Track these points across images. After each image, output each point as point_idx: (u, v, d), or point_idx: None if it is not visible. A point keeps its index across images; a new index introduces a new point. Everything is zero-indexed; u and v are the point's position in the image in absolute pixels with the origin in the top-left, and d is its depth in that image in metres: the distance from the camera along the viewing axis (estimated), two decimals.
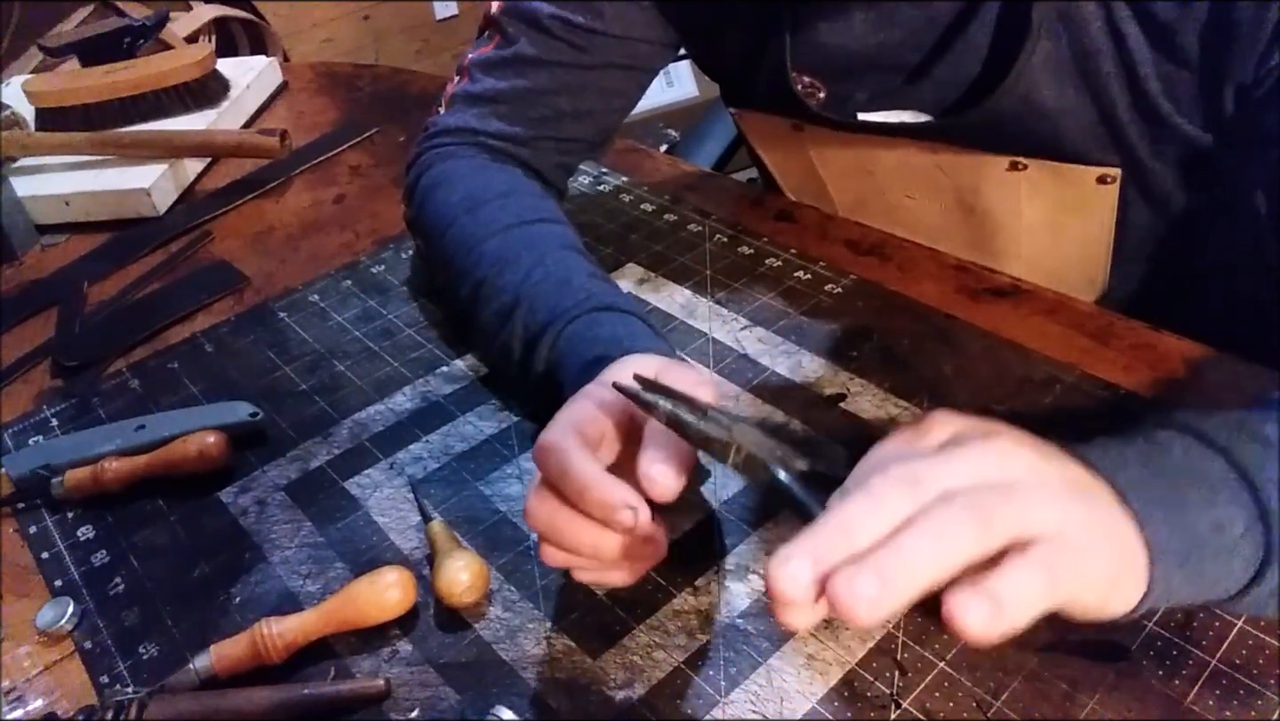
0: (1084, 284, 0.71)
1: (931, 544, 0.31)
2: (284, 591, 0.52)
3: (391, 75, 1.23)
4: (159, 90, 1.06)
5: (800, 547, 0.31)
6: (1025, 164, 0.64)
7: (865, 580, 0.29)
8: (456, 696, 0.46)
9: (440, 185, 0.70)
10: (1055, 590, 0.32)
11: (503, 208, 0.65)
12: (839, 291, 0.69)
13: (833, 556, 0.31)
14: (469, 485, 0.57)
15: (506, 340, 0.59)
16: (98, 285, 0.85)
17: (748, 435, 0.38)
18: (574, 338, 0.55)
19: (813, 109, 0.69)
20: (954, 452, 0.34)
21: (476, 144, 0.72)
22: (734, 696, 0.44)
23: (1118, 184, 0.63)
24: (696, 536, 0.52)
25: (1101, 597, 0.35)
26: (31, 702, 0.49)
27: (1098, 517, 0.35)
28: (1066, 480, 0.35)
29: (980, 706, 0.42)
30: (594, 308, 0.56)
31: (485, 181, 0.69)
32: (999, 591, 0.30)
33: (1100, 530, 0.34)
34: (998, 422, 0.37)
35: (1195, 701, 0.41)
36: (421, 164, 0.73)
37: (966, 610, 0.30)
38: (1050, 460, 0.36)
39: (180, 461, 0.59)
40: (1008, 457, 0.35)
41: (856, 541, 0.31)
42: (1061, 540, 0.32)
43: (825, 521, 0.32)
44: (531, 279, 0.59)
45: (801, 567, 0.30)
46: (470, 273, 0.63)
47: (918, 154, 0.69)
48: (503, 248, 0.62)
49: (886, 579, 0.30)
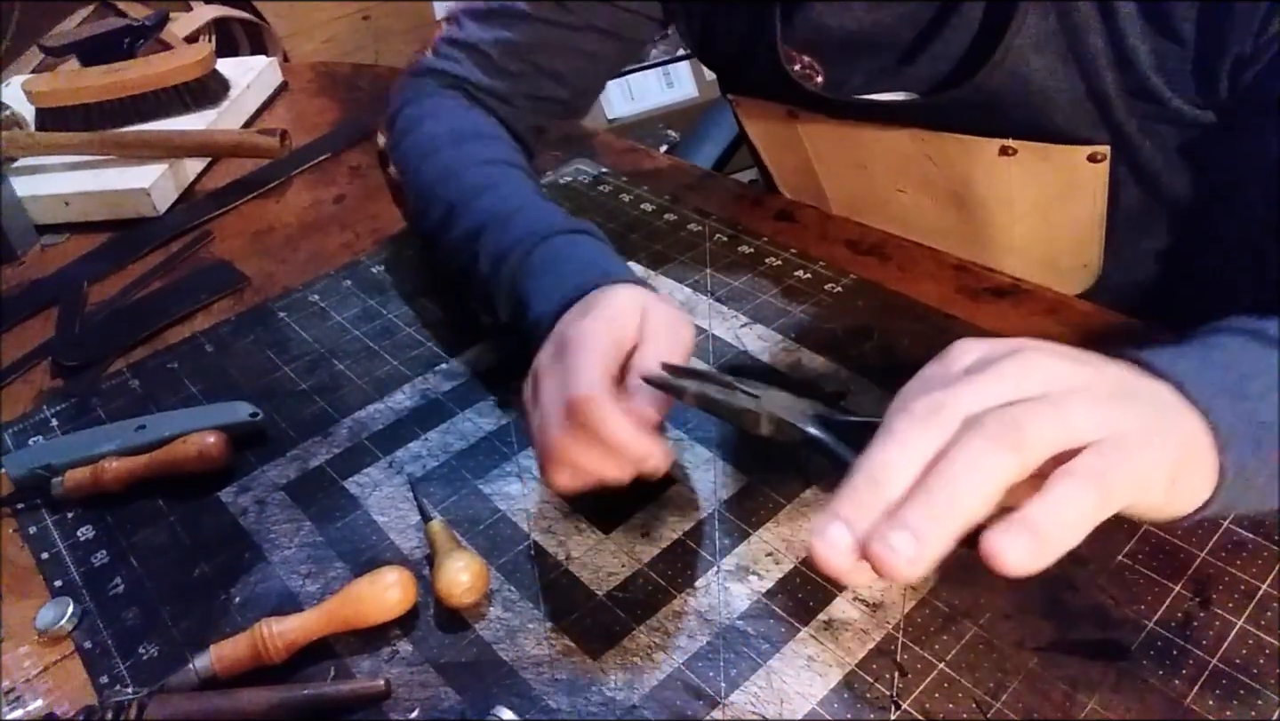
0: (1078, 268, 0.71)
1: (965, 481, 0.30)
2: (284, 591, 0.52)
3: (391, 75, 1.23)
4: (159, 90, 1.06)
5: (836, 512, 0.31)
6: (1014, 148, 0.64)
7: (900, 539, 0.29)
8: (456, 696, 0.46)
9: (427, 118, 0.73)
10: (1108, 499, 0.30)
11: (486, 145, 0.70)
12: (839, 291, 0.69)
13: (868, 514, 0.30)
14: (468, 484, 0.57)
15: (475, 253, 0.61)
16: (98, 285, 0.85)
17: (775, 400, 0.39)
18: (549, 256, 0.57)
19: (810, 90, 0.69)
20: (975, 377, 0.33)
21: (460, 89, 0.75)
22: (734, 697, 0.44)
23: (1108, 162, 0.63)
24: (696, 536, 0.52)
25: (1166, 495, 0.34)
26: (31, 702, 0.49)
27: (1149, 412, 0.33)
28: (1109, 382, 0.34)
29: (980, 706, 0.42)
30: (567, 230, 0.59)
31: (471, 121, 0.73)
32: (1037, 520, 0.29)
33: (1155, 424, 0.33)
34: (1026, 338, 0.35)
35: (1195, 701, 0.41)
36: (405, 97, 0.76)
37: (1005, 549, 0.29)
38: (1088, 364, 0.34)
39: (180, 461, 0.59)
40: (1037, 369, 0.33)
41: (889, 491, 0.30)
42: (1109, 444, 0.31)
43: (854, 476, 0.31)
44: (508, 204, 0.62)
45: (839, 534, 0.30)
46: (445, 197, 0.66)
47: (908, 143, 0.69)
48: (482, 177, 0.66)
49: (922, 533, 0.29)
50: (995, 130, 0.64)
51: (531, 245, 0.58)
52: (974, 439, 0.30)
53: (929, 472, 0.30)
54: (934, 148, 0.68)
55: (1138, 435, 0.32)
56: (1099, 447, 0.31)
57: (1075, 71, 0.59)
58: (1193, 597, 0.45)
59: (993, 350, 0.35)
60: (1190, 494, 0.36)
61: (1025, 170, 0.65)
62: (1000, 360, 0.33)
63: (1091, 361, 0.35)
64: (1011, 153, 0.64)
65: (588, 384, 0.44)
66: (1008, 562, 0.29)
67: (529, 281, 0.57)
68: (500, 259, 0.59)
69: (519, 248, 0.58)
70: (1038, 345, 0.35)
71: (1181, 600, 0.45)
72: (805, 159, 0.78)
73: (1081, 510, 0.30)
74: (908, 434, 0.31)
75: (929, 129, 0.67)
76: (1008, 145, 0.64)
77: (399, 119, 0.75)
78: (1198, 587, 0.46)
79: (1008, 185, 0.67)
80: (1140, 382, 0.36)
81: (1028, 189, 0.67)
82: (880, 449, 0.31)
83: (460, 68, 0.75)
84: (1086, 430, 0.31)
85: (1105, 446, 0.31)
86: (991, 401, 0.31)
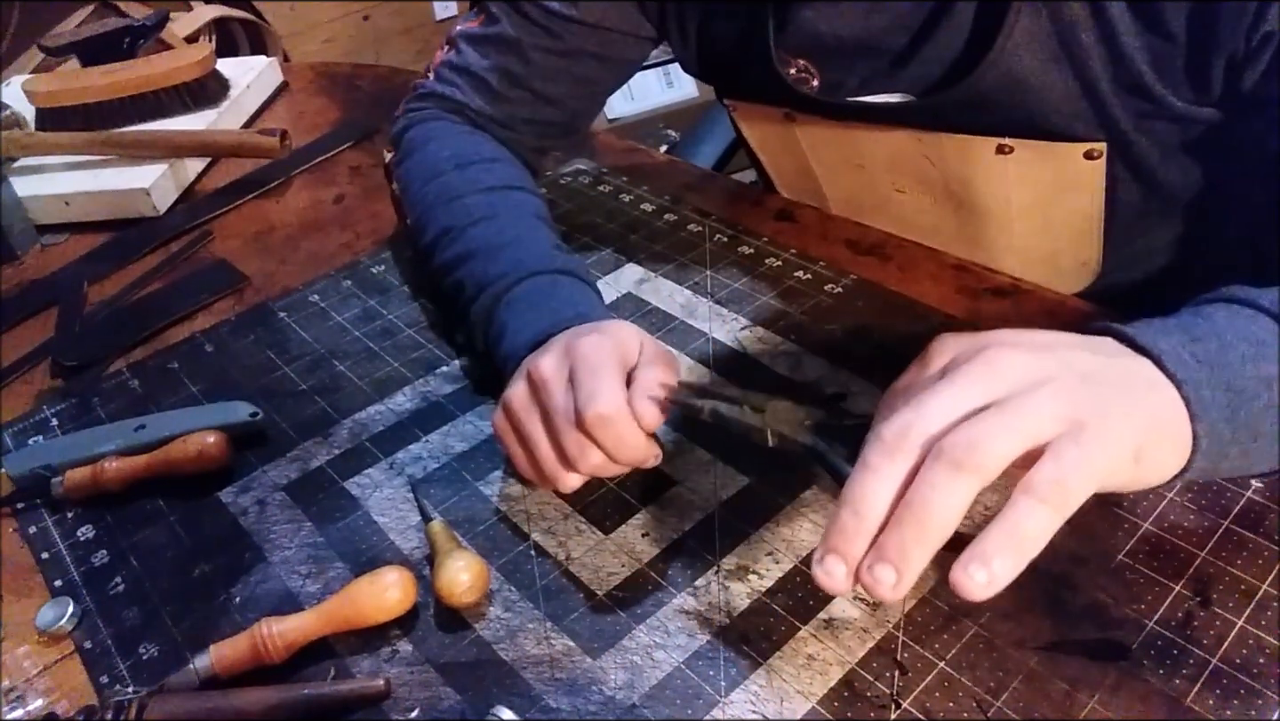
0: (1077, 266, 0.72)
1: (930, 510, 0.33)
2: (284, 591, 0.52)
3: (391, 75, 1.23)
4: (159, 90, 1.06)
5: (828, 545, 0.35)
6: (1011, 146, 0.64)
7: (882, 570, 0.34)
8: (456, 696, 0.46)
9: (432, 140, 0.75)
10: (1065, 506, 0.33)
11: (489, 170, 0.71)
12: (839, 291, 0.69)
13: (856, 544, 0.34)
14: (469, 485, 0.57)
15: (461, 279, 0.64)
16: (98, 285, 0.85)
17: (779, 412, 0.43)
18: (529, 293, 0.60)
19: (805, 94, 0.69)
20: (941, 386, 0.36)
21: (462, 115, 0.76)
22: (734, 696, 0.44)
23: (1104, 159, 0.63)
24: (696, 536, 0.52)
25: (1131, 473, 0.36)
26: (31, 702, 0.49)
27: (1112, 394, 0.36)
28: (1075, 369, 0.36)
29: (980, 706, 0.42)
30: (553, 270, 0.61)
31: (475, 145, 0.74)
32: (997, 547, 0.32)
33: (1117, 406, 0.35)
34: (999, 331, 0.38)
35: (1195, 701, 0.41)
36: (412, 118, 0.77)
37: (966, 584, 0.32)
38: (1055, 352, 0.36)
39: (180, 461, 0.59)
40: (1004, 368, 0.35)
41: (869, 523, 0.34)
42: (1067, 440, 0.33)
43: (840, 509, 0.35)
44: (502, 236, 0.65)
45: (834, 564, 0.35)
46: (442, 219, 0.68)
47: (906, 142, 0.69)
48: (482, 205, 0.68)
49: (900, 562, 0.33)
50: (991, 129, 0.64)
51: (515, 280, 0.60)
52: (936, 469, 0.33)
53: (900, 503, 0.34)
54: (931, 147, 0.68)
55: (1096, 422, 0.34)
56: (1056, 450, 0.33)
57: (1069, 70, 0.59)
58: (1193, 597, 0.45)
59: (964, 350, 0.37)
60: (1159, 466, 0.38)
61: (1022, 168, 0.65)
62: (970, 361, 0.36)
63: (1061, 347, 0.37)
64: (1008, 151, 0.65)
65: (613, 401, 0.47)
66: (972, 594, 0.32)
67: (506, 314, 0.59)
68: (482, 288, 0.62)
69: (502, 281, 0.61)
70: (1005, 339, 0.37)
71: (1181, 600, 0.45)
72: (803, 161, 0.78)
73: (1040, 525, 0.33)
74: (880, 465, 0.35)
75: (925, 129, 0.67)
76: (1005, 143, 0.64)
77: (404, 140, 0.76)
78: (1198, 587, 0.46)
79: (1005, 183, 0.67)
80: (1111, 363, 0.38)
81: (1025, 186, 0.67)
82: (858, 482, 0.35)
83: (461, 94, 0.76)
84: (1046, 429, 0.34)
85: (1063, 445, 0.33)
86: (957, 413, 0.34)
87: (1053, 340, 0.38)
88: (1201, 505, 0.50)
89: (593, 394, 0.47)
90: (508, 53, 0.74)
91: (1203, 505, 0.50)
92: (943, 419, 0.34)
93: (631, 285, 0.73)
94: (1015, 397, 0.34)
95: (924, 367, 0.39)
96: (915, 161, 0.70)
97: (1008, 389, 0.35)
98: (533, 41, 0.73)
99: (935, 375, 0.37)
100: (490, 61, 0.75)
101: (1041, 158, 0.64)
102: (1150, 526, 0.49)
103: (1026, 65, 0.59)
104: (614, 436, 0.47)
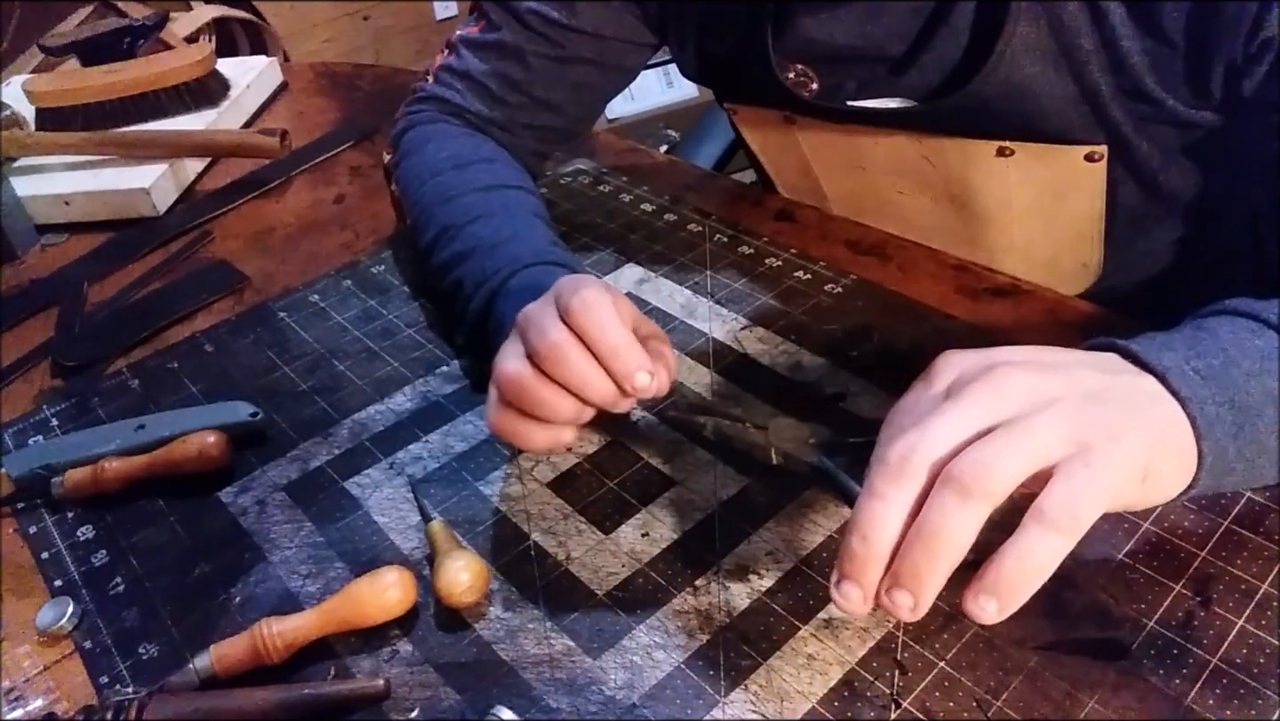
0: (1077, 268, 0.72)
1: (942, 536, 0.33)
2: (284, 591, 0.52)
3: (391, 75, 1.23)
4: (159, 90, 1.06)
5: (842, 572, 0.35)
6: (1012, 149, 0.64)
7: (899, 595, 0.34)
8: (456, 696, 0.46)
9: (431, 140, 0.75)
10: (1076, 530, 0.33)
11: (486, 170, 0.71)
12: (839, 291, 0.69)
13: (869, 569, 0.35)
14: (469, 485, 0.57)
15: (460, 277, 0.64)
16: (98, 285, 0.85)
17: (782, 431, 0.43)
18: (524, 283, 0.59)
19: (804, 98, 0.69)
20: (946, 407, 0.35)
21: (461, 118, 0.77)
22: (734, 696, 0.44)
23: (1105, 162, 0.63)
24: (696, 536, 0.52)
25: (1139, 491, 0.36)
26: (31, 702, 0.49)
27: (1119, 413, 0.35)
28: (1082, 387, 0.36)
29: (980, 706, 0.42)
30: (549, 261, 0.61)
31: (473, 146, 0.74)
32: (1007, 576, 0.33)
33: (1124, 425, 0.35)
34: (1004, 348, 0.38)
35: (1195, 701, 0.41)
36: (411, 119, 0.78)
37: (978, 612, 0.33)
38: (1062, 371, 0.36)
39: (180, 461, 0.59)
40: (1009, 388, 0.35)
41: (879, 548, 0.34)
42: (1076, 462, 0.33)
43: (849, 535, 0.35)
44: (499, 234, 0.64)
45: (850, 590, 0.35)
46: (440, 219, 0.68)
47: (906, 144, 0.69)
48: (479, 203, 0.68)
49: (915, 587, 0.34)
50: (991, 132, 0.64)
51: (510, 273, 0.60)
52: (945, 495, 0.33)
53: (911, 531, 0.34)
54: (932, 150, 0.68)
55: (1104, 443, 0.34)
56: (1066, 472, 0.33)
57: (1068, 74, 0.59)
58: (1193, 597, 0.45)
59: (969, 368, 0.37)
60: (1166, 483, 0.38)
61: (1023, 170, 0.65)
62: (975, 381, 0.36)
63: (1066, 365, 0.37)
64: (1009, 153, 0.65)
65: (595, 294, 0.45)
66: (983, 622, 0.33)
67: (502, 306, 0.59)
68: (480, 284, 0.62)
69: (499, 274, 0.61)
70: (1009, 357, 0.37)
71: (1182, 600, 0.45)
72: (804, 162, 0.78)
73: (1052, 552, 0.33)
74: (885, 490, 0.35)
75: (926, 133, 0.67)
76: (1005, 146, 0.64)
77: (403, 140, 0.77)
78: (1198, 587, 0.46)
79: (1006, 185, 0.67)
80: (1117, 380, 0.37)
81: (1026, 189, 0.67)
82: (865, 508, 0.35)
83: (461, 98, 0.76)
84: (1054, 450, 0.34)
85: (1072, 468, 0.33)
86: (963, 434, 0.34)
87: (1057, 358, 0.37)
88: (1202, 505, 0.50)
89: (575, 289, 0.46)
90: (507, 59, 0.74)
91: (1203, 505, 0.49)
92: (948, 441, 0.34)
93: (631, 285, 0.73)
94: (1022, 419, 0.34)
95: (928, 385, 0.38)
96: (916, 164, 0.70)
97: (1014, 410, 0.34)
98: (533, 48, 0.73)
99: (940, 394, 0.37)
100: (490, 67, 0.75)
101: (1042, 160, 0.64)
102: (1151, 526, 0.49)
103: (1026, 71, 0.59)
104: (594, 323, 0.45)
